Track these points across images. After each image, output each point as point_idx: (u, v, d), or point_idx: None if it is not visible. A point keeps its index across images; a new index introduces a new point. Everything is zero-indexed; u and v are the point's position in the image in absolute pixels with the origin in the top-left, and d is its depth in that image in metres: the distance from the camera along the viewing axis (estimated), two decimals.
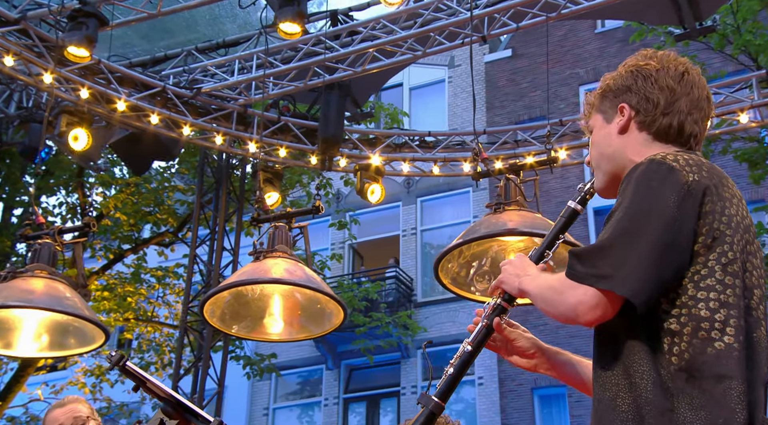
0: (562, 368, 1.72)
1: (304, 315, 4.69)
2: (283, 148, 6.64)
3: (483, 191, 15.73)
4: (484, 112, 17.26)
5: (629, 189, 1.42)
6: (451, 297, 15.32)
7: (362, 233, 16.96)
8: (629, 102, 1.60)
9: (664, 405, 1.31)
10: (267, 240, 4.66)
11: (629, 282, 1.34)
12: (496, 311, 1.67)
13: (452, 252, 3.88)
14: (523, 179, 4.08)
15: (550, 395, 13.51)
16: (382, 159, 6.39)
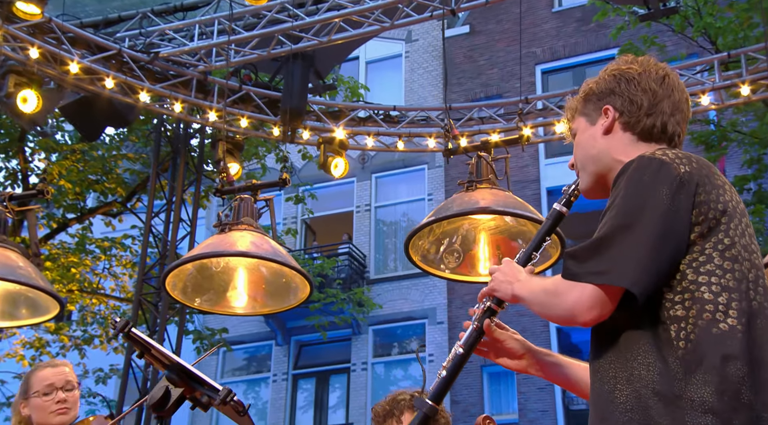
0: (550, 369, 1.75)
1: (268, 289, 4.67)
2: (245, 118, 6.55)
3: (438, 169, 15.85)
4: (440, 89, 17.34)
5: (621, 186, 1.45)
6: (404, 275, 15.46)
7: (315, 208, 16.90)
8: (613, 104, 1.64)
9: (671, 392, 1.33)
10: (232, 212, 4.61)
11: (627, 273, 1.36)
12: (486, 314, 1.70)
13: (423, 229, 3.91)
14: (494, 156, 4.13)
15: (499, 372, 13.84)
16: (345, 132, 6.37)
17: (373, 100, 12.07)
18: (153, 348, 1.67)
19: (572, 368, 1.73)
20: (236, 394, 1.63)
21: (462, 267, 4.04)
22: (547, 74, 16.58)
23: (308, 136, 6.47)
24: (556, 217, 1.75)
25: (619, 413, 1.36)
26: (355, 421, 15.38)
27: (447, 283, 14.56)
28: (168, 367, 1.64)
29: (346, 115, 6.59)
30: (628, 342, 1.40)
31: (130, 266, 11.77)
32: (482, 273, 3.99)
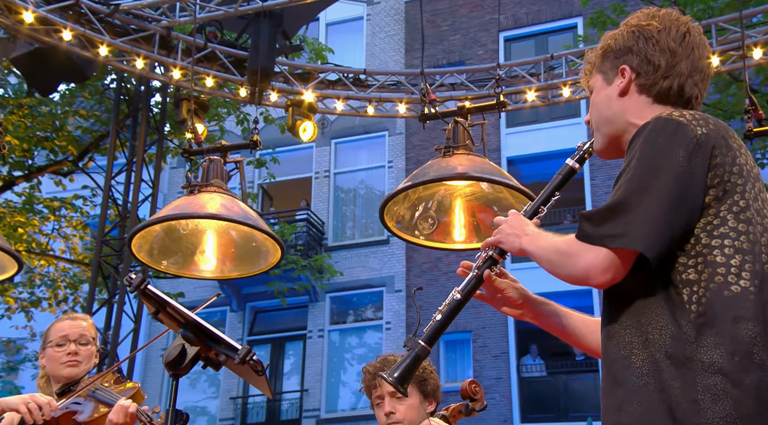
0: (547, 318, 1.77)
1: (238, 253, 4.65)
2: (210, 77, 6.43)
3: (399, 136, 15.86)
4: (403, 54, 17.25)
5: (637, 148, 1.44)
6: (362, 242, 15.54)
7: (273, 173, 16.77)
8: (630, 64, 1.62)
9: (683, 355, 1.34)
10: (201, 174, 4.56)
11: (641, 237, 1.36)
12: (487, 262, 1.70)
13: (399, 195, 3.93)
14: (471, 123, 4.17)
15: (455, 340, 14.12)
16: (314, 95, 6.32)
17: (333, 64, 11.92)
18: (169, 305, 1.67)
19: (569, 318, 1.75)
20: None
21: (436, 234, 4.09)
22: (510, 42, 16.65)
23: (276, 98, 6.40)
24: (568, 173, 1.75)
25: (636, 377, 1.37)
26: (310, 388, 15.52)
27: (406, 251, 14.69)
28: (183, 325, 1.64)
29: (314, 77, 6.53)
30: (642, 307, 1.41)
31: (80, 227, 11.52)
32: (457, 239, 4.04)
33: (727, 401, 1.28)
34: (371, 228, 15.93)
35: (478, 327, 13.58)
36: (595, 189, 13.81)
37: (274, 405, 16.51)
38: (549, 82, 5.80)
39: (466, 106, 4.16)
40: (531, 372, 13.64)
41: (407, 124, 15.50)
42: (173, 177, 17.17)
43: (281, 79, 6.56)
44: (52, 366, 2.75)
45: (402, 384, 1.62)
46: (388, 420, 2.62)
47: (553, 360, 13.90)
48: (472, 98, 5.96)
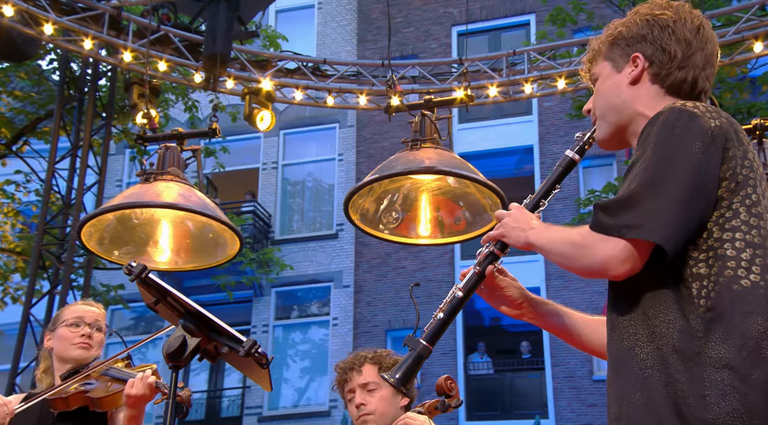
0: (547, 318, 1.76)
1: (194, 244, 4.57)
2: (163, 61, 6.29)
3: (350, 129, 15.84)
4: (355, 45, 17.22)
5: (652, 138, 1.43)
6: (310, 236, 15.46)
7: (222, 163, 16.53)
8: (644, 52, 1.60)
9: (691, 350, 1.34)
10: (157, 161, 4.47)
11: (659, 229, 1.36)
12: (488, 259, 1.69)
13: (364, 187, 3.93)
14: (437, 116, 4.19)
15: (403, 337, 14.17)
16: (273, 84, 6.26)
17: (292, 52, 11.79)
18: (170, 294, 1.63)
19: (569, 317, 1.75)
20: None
21: (401, 228, 4.11)
22: (464, 37, 16.81)
23: (232, 86, 6.31)
24: (568, 165, 1.73)
25: (639, 369, 1.38)
26: (252, 385, 15.38)
27: (355, 246, 14.69)
28: (184, 316, 1.61)
29: (272, 65, 6.47)
30: (650, 300, 1.41)
31: (12, 215, 11.12)
32: (422, 234, 4.07)
33: (735, 396, 1.29)
34: (319, 222, 15.87)
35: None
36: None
37: (214, 402, 16.29)
38: (511, 77, 5.88)
39: (432, 99, 4.19)
40: (478, 369, 13.85)
41: (358, 116, 15.50)
42: (112, 164, 16.72)
43: (237, 65, 6.47)
44: (62, 346, 2.69)
45: (404, 385, 1.61)
46: (360, 412, 2.62)
47: (500, 357, 14.15)
48: (433, 92, 6.00)
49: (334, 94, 6.25)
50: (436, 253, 13.68)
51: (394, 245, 15.33)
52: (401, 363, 1.64)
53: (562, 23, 8.65)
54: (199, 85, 6.39)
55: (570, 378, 12.92)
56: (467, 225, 4.10)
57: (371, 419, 2.60)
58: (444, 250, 13.59)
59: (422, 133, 4.06)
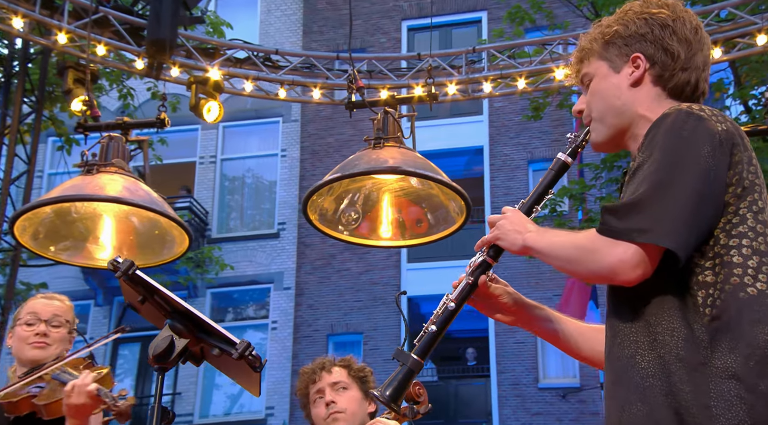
0: (540, 323, 1.75)
1: (138, 240, 4.48)
2: (102, 44, 6.11)
3: (294, 123, 15.73)
4: (300, 36, 17.12)
5: (658, 140, 1.43)
6: (250, 235, 15.29)
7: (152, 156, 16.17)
8: (645, 52, 1.59)
9: (696, 359, 1.34)
10: (100, 152, 4.35)
11: (671, 234, 1.36)
12: (481, 268, 1.67)
13: (324, 186, 3.91)
14: (400, 114, 4.20)
15: (345, 342, 14.20)
16: (221, 73, 6.16)
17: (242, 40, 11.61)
18: (158, 292, 1.59)
19: (562, 324, 1.75)
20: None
21: (361, 229, 4.10)
22: (414, 32, 16.91)
23: (178, 74, 6.17)
24: (561, 168, 1.71)
25: (640, 378, 1.38)
26: (183, 391, 15.12)
27: (297, 246, 14.60)
28: (172, 315, 1.57)
29: (220, 54, 6.36)
30: (652, 307, 1.41)
31: None
32: (383, 236, 4.07)
33: (741, 407, 1.29)
34: (259, 221, 15.70)
35: (369, 328, 13.72)
36: (494, 189, 14.31)
37: (141, 410, 15.92)
38: (470, 76, 5.95)
39: (396, 96, 4.20)
40: (421, 376, 13.89)
41: (303, 110, 15.40)
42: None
43: (183, 53, 6.34)
44: (18, 347, 2.59)
45: (395, 402, 1.59)
46: (330, 410, 2.61)
47: (444, 364, 14.28)
48: (390, 87, 6.01)
49: (287, 86, 6.19)
50: (382, 256, 13.72)
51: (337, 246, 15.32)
52: (391, 379, 1.61)
53: (521, 21, 8.80)
54: (141, 71, 6.23)
55: (515, 386, 13.14)
56: (429, 228, 4.12)
57: (342, 417, 2.61)
58: (390, 253, 13.64)
59: (385, 131, 4.06)
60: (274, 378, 14.39)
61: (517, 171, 14.29)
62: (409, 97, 4.32)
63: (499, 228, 1.63)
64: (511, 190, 13.88)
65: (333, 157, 14.53)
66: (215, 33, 9.91)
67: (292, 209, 14.80)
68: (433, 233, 4.11)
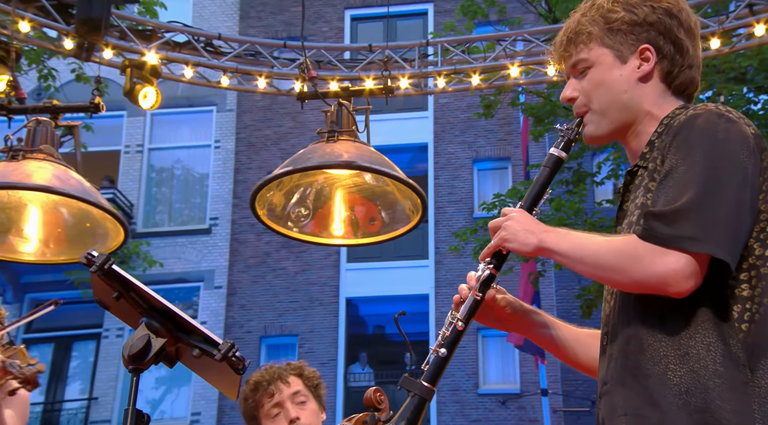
0: (537, 330, 1.73)
1: (68, 233, 4.32)
2: (26, 21, 5.87)
3: (229, 113, 15.50)
4: (237, 21, 16.89)
5: (693, 142, 1.39)
6: (179, 230, 15.00)
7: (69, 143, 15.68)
8: (655, 44, 1.54)
9: (736, 377, 1.33)
10: (26, 137, 4.18)
11: (723, 243, 1.33)
12: (487, 282, 1.61)
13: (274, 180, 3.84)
14: (354, 107, 4.16)
15: (279, 345, 14.09)
16: (159, 57, 6.00)
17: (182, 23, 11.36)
18: (135, 288, 1.52)
19: (558, 330, 1.72)
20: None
21: (311, 227, 4.05)
22: (357, 22, 16.88)
23: (111, 56, 5.98)
24: (555, 164, 1.65)
25: (673, 396, 1.35)
26: (100, 396, 14.74)
27: (230, 243, 14.40)
28: (149, 313, 1.50)
29: (158, 36, 6.19)
30: (685, 320, 1.38)
31: None
32: (335, 234, 4.03)
33: None
34: (189, 215, 15.42)
35: (305, 331, 13.64)
36: (438, 188, 14.42)
37: (52, 416, 15.46)
38: (422, 69, 5.96)
39: (350, 88, 4.16)
40: (358, 381, 13.94)
41: (239, 100, 15.18)
42: None
43: (117, 34, 6.15)
44: None
45: None
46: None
47: (382, 368, 14.31)
48: (340, 79, 5.96)
49: (230, 74, 6.08)
50: (320, 255, 13.65)
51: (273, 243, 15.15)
52: (403, 412, 1.57)
53: (473, 15, 8.88)
54: (70, 52, 6.02)
55: (455, 391, 13.27)
56: (383, 226, 4.10)
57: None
58: (329, 252, 13.59)
59: (339, 124, 4.01)
60: (201, 383, 14.16)
61: (461, 170, 14.43)
62: (364, 90, 4.28)
63: (505, 230, 1.57)
64: (455, 189, 14.00)
65: (270, 149, 14.38)
66: (148, 14, 9.67)
67: (225, 203, 14.59)
68: (386, 232, 4.09)
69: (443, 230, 13.28)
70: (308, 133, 14.59)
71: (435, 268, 13.52)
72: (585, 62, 1.60)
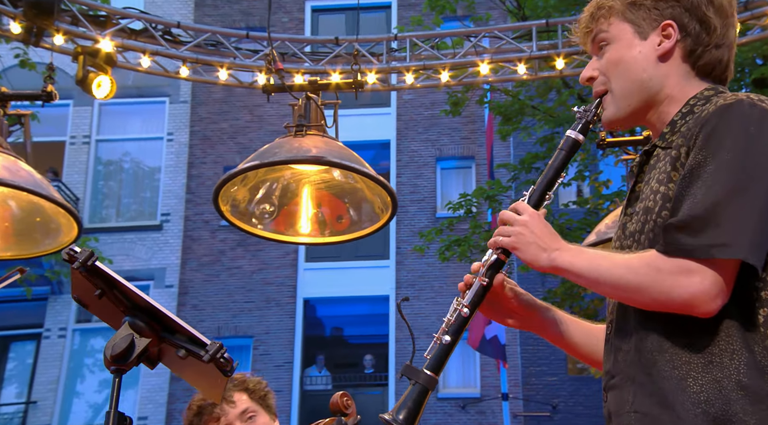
0: (552, 328, 1.68)
1: (16, 228, 4.23)
2: None
3: (183, 105, 15.30)
4: (192, 8, 16.68)
5: (722, 136, 1.34)
6: (128, 226, 14.75)
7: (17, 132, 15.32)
8: (679, 21, 1.49)
9: (761, 389, 1.29)
10: None
11: (754, 247, 1.29)
12: (494, 267, 1.56)
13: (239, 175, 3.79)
14: (323, 101, 4.13)
15: (233, 346, 13.96)
16: (114, 45, 5.88)
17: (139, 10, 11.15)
18: (120, 285, 1.47)
19: (569, 325, 1.68)
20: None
21: (277, 224, 4.01)
22: (318, 13, 16.81)
23: (62, 42, 5.84)
24: (572, 147, 1.60)
25: (691, 404, 1.32)
26: (39, 399, 14.43)
27: (182, 240, 14.21)
28: (132, 312, 1.46)
29: (113, 23, 6.06)
30: (708, 324, 1.34)
31: None
32: (302, 232, 4.00)
33: None
34: (139, 211, 15.18)
35: (261, 332, 13.53)
36: (401, 186, 14.42)
37: None
38: (391, 64, 5.94)
39: (318, 81, 4.12)
40: (315, 384, 13.89)
41: (194, 91, 14.99)
42: None
43: (68, 19, 6.00)
44: None
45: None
46: None
47: (340, 371, 14.28)
48: (305, 72, 5.92)
49: (189, 64, 5.98)
50: (278, 253, 13.55)
51: (228, 241, 14.97)
52: (404, 401, 1.50)
53: (441, 10, 8.90)
54: (17, 37, 5.86)
55: None
56: (350, 225, 4.08)
57: None
58: (286, 251, 13.50)
59: (307, 118, 3.97)
60: (150, 386, 13.98)
61: (424, 168, 14.46)
62: (333, 84, 4.24)
63: (517, 236, 1.51)
64: (417, 188, 14.02)
65: (227, 144, 14.22)
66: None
67: (178, 199, 14.39)
68: (354, 230, 4.07)
69: (405, 230, 13.31)
70: (267, 127, 14.46)
71: (396, 269, 13.54)
72: (604, 37, 1.56)
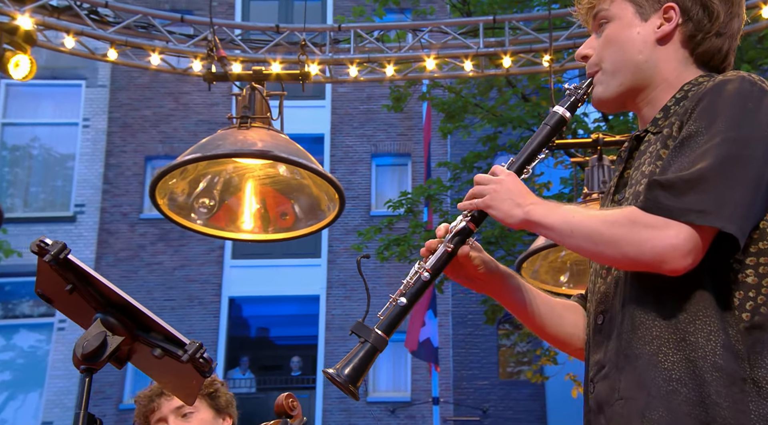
0: (511, 294, 1.69)
1: None
2: None
3: (101, 89, 14.93)
4: None
5: (720, 109, 1.37)
6: (37, 217, 14.33)
7: None
8: (682, 4, 1.52)
9: (735, 372, 1.31)
10: None
11: (736, 218, 1.30)
12: (462, 234, 1.58)
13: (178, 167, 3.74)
14: (268, 92, 4.11)
15: None
16: (34, 22, 5.72)
17: None
18: (94, 280, 1.43)
19: (531, 296, 1.69)
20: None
21: (217, 219, 3.98)
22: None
23: None
24: (557, 123, 1.61)
25: (662, 380, 1.35)
26: None
27: (98, 233, 13.89)
28: (105, 309, 1.42)
29: None
30: (683, 302, 1.37)
31: None
32: (244, 228, 3.97)
33: None
34: (50, 201, 14.75)
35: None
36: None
37: None
38: (334, 56, 5.96)
39: (263, 71, 4.09)
40: (239, 387, 13.77)
41: (113, 75, 14.64)
42: None
43: None
44: None
45: (354, 384, 1.51)
46: None
47: (265, 374, 14.20)
48: (243, 61, 5.88)
49: (118, 47, 5.86)
50: (202, 249, 13.38)
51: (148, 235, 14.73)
52: (351, 357, 1.51)
53: (384, 2, 8.95)
54: None
55: (342, 398, 13.35)
56: (295, 222, 4.08)
57: None
58: (212, 247, 13.34)
59: (252, 109, 3.95)
60: (56, 388, 13.62)
61: (359, 164, 14.48)
62: (278, 74, 4.23)
63: (490, 194, 1.52)
64: (352, 185, 14.04)
65: (149, 132, 13.94)
66: None
67: (94, 189, 14.04)
68: (298, 228, 4.07)
69: (338, 228, 13.31)
70: (193, 115, 14.25)
71: (327, 268, 13.52)
72: (605, 15, 1.59)
